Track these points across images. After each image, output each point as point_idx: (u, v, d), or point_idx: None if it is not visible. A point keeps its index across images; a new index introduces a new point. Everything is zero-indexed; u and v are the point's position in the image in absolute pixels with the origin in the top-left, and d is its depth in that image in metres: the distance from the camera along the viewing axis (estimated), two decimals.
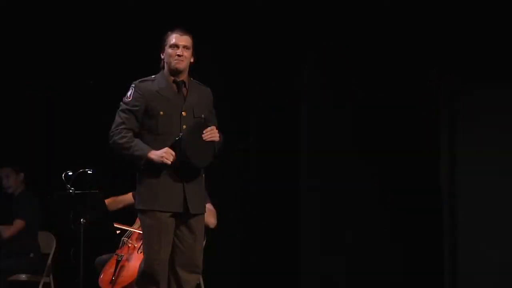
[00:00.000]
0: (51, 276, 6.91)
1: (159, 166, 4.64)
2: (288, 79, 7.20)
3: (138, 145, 4.67)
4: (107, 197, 6.04)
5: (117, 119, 4.74)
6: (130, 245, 5.75)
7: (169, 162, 4.62)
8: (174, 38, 4.76)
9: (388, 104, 6.87)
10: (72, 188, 5.86)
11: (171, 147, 4.64)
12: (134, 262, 5.59)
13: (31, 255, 6.87)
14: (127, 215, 5.93)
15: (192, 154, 4.65)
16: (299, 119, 7.17)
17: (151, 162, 4.63)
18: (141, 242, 5.63)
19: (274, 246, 7.15)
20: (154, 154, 4.63)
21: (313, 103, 7.16)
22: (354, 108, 7.03)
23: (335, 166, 7.01)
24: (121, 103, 4.77)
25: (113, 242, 5.95)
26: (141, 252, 5.56)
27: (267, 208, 7.23)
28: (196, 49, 4.84)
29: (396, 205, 6.81)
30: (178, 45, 4.74)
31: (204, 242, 5.57)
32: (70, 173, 5.88)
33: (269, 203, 7.22)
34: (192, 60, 4.81)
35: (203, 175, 4.85)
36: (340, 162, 7.00)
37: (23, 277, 6.78)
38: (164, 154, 4.62)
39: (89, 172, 5.89)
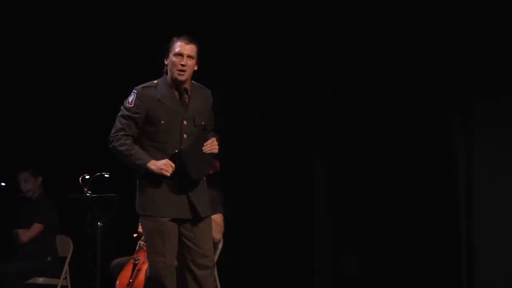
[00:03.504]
0: (68, 279, 6.92)
1: (159, 176, 4.63)
2: (294, 76, 7.20)
3: (138, 153, 4.65)
4: (125, 200, 6.04)
5: (117, 124, 4.73)
6: (146, 248, 5.75)
7: (169, 174, 4.61)
8: (179, 46, 4.72)
9: (402, 99, 6.84)
10: (89, 192, 5.88)
11: (171, 158, 4.64)
12: None
13: (49, 258, 6.88)
14: None
15: (191, 168, 4.64)
16: (303, 116, 7.16)
17: (150, 172, 4.62)
18: None
19: (288, 244, 7.16)
20: (154, 165, 4.61)
21: (320, 99, 7.16)
22: (366, 106, 7.00)
23: (347, 165, 7.01)
24: (122, 107, 4.75)
25: (130, 246, 5.96)
26: None
27: (278, 207, 7.23)
28: (201, 55, 4.82)
29: (411, 202, 6.79)
30: (183, 54, 4.71)
31: (220, 245, 5.59)
32: (87, 177, 5.89)
33: (279, 203, 7.22)
34: (195, 68, 4.78)
35: (204, 179, 4.82)
36: (352, 159, 6.99)
37: (40, 280, 6.78)
38: (164, 166, 4.60)
39: (106, 175, 5.90)
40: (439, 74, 6.74)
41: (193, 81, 4.82)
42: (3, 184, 6.86)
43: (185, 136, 4.69)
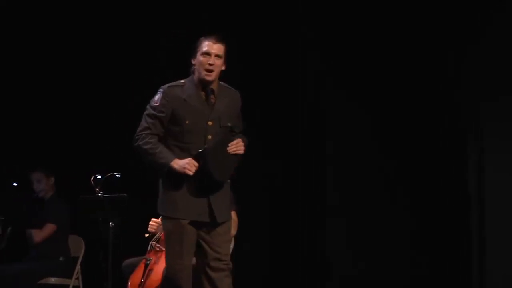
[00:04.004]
0: (80, 279, 6.93)
1: (182, 176, 4.61)
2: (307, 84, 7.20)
3: (162, 152, 4.64)
4: (136, 201, 6.05)
5: (143, 123, 4.72)
6: (158, 249, 5.75)
7: (191, 173, 4.58)
8: (206, 46, 4.70)
9: (406, 99, 6.84)
10: (101, 192, 5.88)
11: (195, 158, 4.61)
12: (162, 265, 5.57)
13: (61, 258, 6.89)
14: None
15: (215, 168, 4.61)
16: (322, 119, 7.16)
17: (173, 171, 4.61)
18: None
19: (300, 247, 7.16)
20: (177, 164, 4.59)
21: (320, 99, 7.15)
22: (367, 105, 7.00)
23: (359, 165, 7.00)
24: (148, 106, 4.74)
25: (141, 246, 5.96)
26: None
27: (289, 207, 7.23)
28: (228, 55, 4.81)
29: (422, 203, 6.78)
30: (210, 53, 4.69)
31: (232, 246, 5.57)
32: (99, 177, 5.90)
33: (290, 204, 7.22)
34: (223, 67, 4.76)
35: (229, 182, 4.81)
36: (360, 159, 7.01)
37: (52, 280, 6.78)
38: (187, 166, 4.58)
39: (117, 176, 5.91)
40: (445, 72, 6.73)
41: (221, 82, 4.80)
42: (15, 184, 6.87)
43: (210, 137, 4.66)
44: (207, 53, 4.69)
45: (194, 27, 7.27)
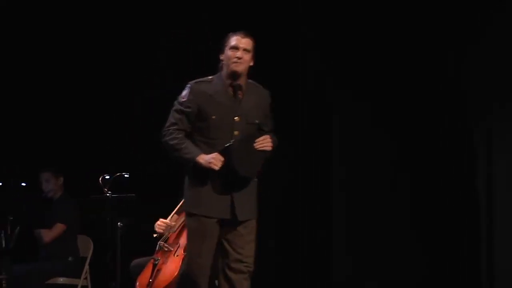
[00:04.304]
0: (88, 279, 6.94)
1: (208, 171, 4.58)
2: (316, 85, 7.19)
3: (188, 147, 4.61)
4: (144, 201, 6.05)
5: (170, 119, 4.70)
6: (166, 249, 5.74)
7: (217, 168, 4.54)
8: (235, 40, 4.70)
9: (413, 99, 6.80)
10: (109, 192, 5.88)
11: (221, 153, 4.57)
12: (171, 265, 5.58)
13: (70, 258, 6.89)
14: None
15: (240, 164, 4.55)
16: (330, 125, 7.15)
17: (199, 166, 4.58)
18: (177, 246, 5.64)
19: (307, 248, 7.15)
20: (203, 159, 4.56)
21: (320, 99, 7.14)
22: (370, 105, 6.97)
23: (360, 165, 6.99)
24: (175, 102, 4.72)
25: (149, 246, 5.95)
26: (177, 256, 5.56)
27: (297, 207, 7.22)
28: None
29: (430, 206, 6.75)
30: (238, 47, 4.69)
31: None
32: (107, 177, 5.90)
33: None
34: (251, 63, 4.76)
35: (256, 180, 4.75)
36: (364, 159, 6.98)
37: (60, 280, 6.79)
38: (213, 160, 4.54)
39: (125, 176, 5.91)
40: (445, 71, 6.71)
41: (250, 80, 4.79)
42: (24, 184, 6.88)
43: (236, 133, 4.63)
44: (235, 47, 4.69)
45: (194, 27, 7.29)
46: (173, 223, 5.91)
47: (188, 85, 4.71)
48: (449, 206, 6.64)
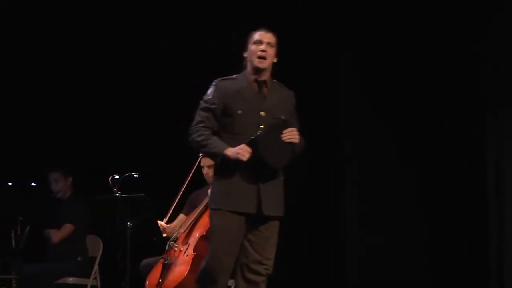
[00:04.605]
0: (98, 279, 6.95)
1: (235, 164, 4.54)
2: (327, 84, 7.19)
3: (214, 142, 4.60)
4: (154, 201, 6.05)
5: (197, 117, 4.69)
6: (176, 249, 5.76)
7: (245, 159, 4.50)
8: (258, 35, 4.71)
9: (414, 98, 6.82)
10: (119, 192, 5.89)
11: (248, 145, 4.54)
12: (180, 265, 5.59)
13: (79, 258, 6.90)
14: None
15: (268, 153, 4.52)
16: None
17: (227, 159, 4.55)
18: (187, 246, 5.64)
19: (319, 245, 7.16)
20: (230, 151, 4.53)
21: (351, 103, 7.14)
22: (374, 106, 6.99)
23: (363, 165, 6.99)
24: (201, 101, 4.72)
25: (159, 246, 5.96)
26: (187, 256, 5.57)
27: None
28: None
29: (439, 202, 6.76)
30: (262, 41, 4.69)
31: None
32: (117, 177, 5.91)
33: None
34: (275, 60, 4.76)
35: (282, 178, 4.73)
36: (364, 158, 7.00)
37: (70, 280, 6.80)
38: (240, 151, 4.51)
39: (135, 175, 5.91)
40: (446, 71, 6.70)
41: (274, 80, 4.78)
42: (34, 184, 6.89)
43: (262, 127, 4.61)
44: (259, 41, 4.70)
45: (194, 27, 7.29)
46: (168, 225, 5.93)
47: (214, 83, 4.72)
48: (459, 202, 6.64)
